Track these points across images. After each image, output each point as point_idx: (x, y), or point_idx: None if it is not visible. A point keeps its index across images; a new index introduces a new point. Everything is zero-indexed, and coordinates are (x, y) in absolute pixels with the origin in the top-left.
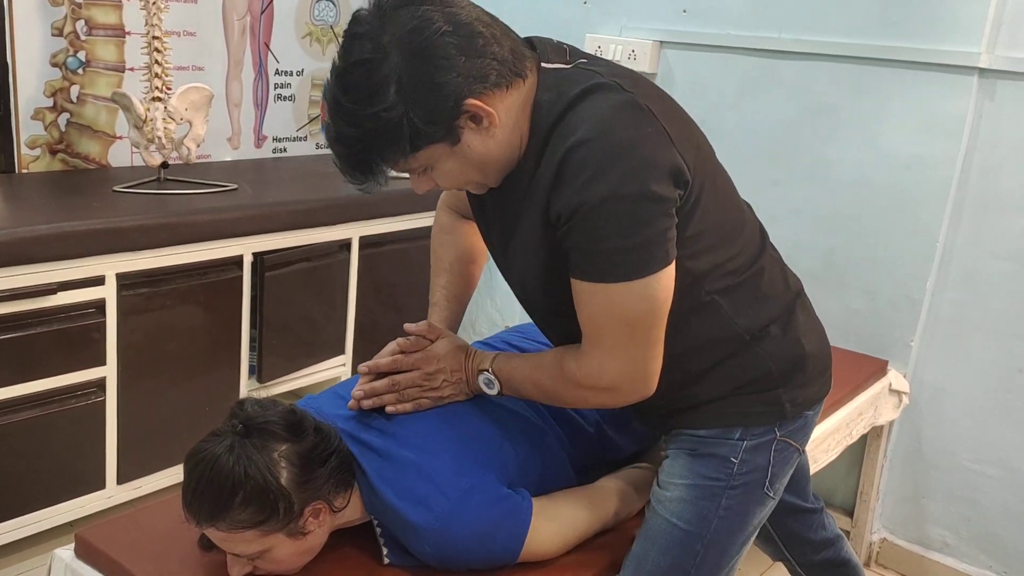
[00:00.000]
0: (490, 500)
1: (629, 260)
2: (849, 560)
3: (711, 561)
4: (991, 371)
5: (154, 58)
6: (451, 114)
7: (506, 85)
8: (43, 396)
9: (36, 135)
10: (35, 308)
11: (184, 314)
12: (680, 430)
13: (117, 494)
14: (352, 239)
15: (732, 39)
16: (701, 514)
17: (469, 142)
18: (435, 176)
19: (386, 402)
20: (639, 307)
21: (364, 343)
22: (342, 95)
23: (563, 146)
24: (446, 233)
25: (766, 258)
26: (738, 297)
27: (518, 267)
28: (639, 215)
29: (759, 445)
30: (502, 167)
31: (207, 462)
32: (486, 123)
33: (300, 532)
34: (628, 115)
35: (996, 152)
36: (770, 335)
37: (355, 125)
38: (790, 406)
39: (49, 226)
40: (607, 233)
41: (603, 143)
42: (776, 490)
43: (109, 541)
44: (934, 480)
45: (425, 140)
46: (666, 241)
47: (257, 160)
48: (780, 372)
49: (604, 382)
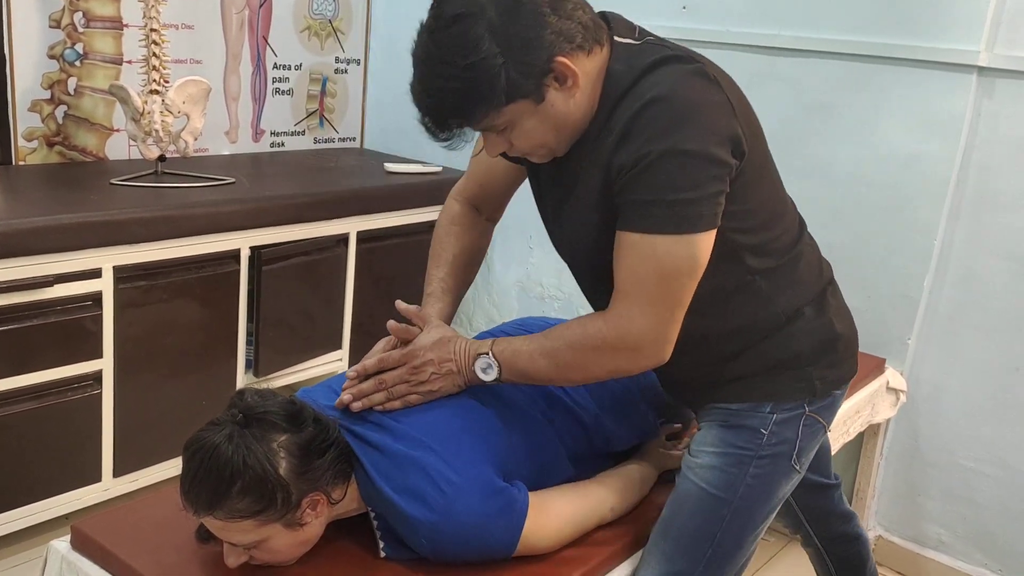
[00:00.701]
0: (486, 494)
1: (679, 214)
2: (860, 535)
3: (736, 528)
4: (988, 370)
5: (152, 51)
6: (543, 69)
7: (588, 50)
8: (40, 388)
9: (33, 127)
10: (32, 300)
11: (181, 307)
12: (714, 404)
13: (113, 487)
14: (350, 233)
15: (731, 36)
16: (729, 481)
17: (553, 101)
18: (513, 136)
19: (375, 402)
20: (679, 264)
21: (361, 338)
22: (437, 49)
23: (636, 104)
24: (455, 225)
25: (804, 244)
26: (777, 279)
27: (570, 231)
28: (696, 173)
29: (788, 419)
30: (575, 131)
31: (206, 451)
32: (570, 83)
33: (297, 523)
34: (699, 81)
35: (995, 151)
36: (804, 316)
37: (452, 78)
38: (820, 384)
39: (46, 218)
40: (663, 185)
41: (675, 102)
42: (802, 464)
43: (105, 533)
44: (930, 478)
45: (517, 93)
46: (716, 204)
47: (255, 154)
48: (812, 352)
49: (630, 339)
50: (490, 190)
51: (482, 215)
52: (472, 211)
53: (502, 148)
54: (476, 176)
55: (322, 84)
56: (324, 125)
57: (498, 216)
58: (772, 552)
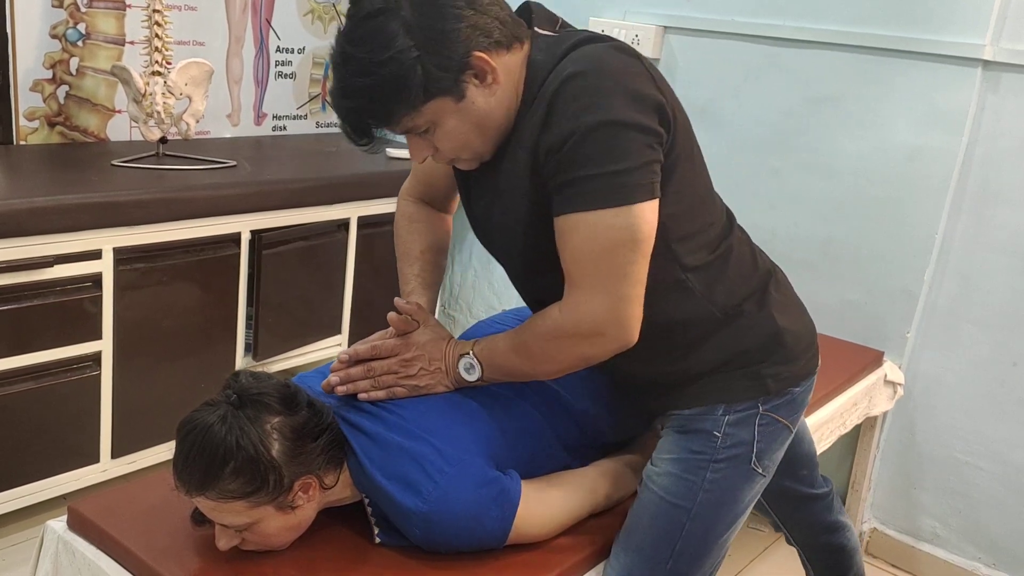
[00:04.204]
0: (478, 483)
1: (613, 186)
2: (846, 546)
3: (697, 536)
4: (986, 364)
5: (154, 32)
6: (460, 65)
7: (507, 46)
8: (38, 369)
9: (35, 107)
10: (31, 281)
11: (181, 290)
12: (670, 412)
13: (111, 468)
14: (350, 219)
15: (736, 26)
16: (687, 488)
17: (473, 98)
18: (436, 138)
19: (360, 389)
20: (619, 236)
21: (360, 323)
22: (352, 47)
23: (556, 82)
24: (416, 222)
25: (735, 238)
26: (709, 276)
27: (500, 224)
28: (626, 143)
29: (742, 419)
30: (499, 131)
31: (199, 431)
32: (490, 79)
33: (289, 506)
34: (616, 54)
35: (998, 145)
36: (744, 313)
37: (367, 74)
38: (772, 382)
39: (46, 199)
40: (593, 160)
41: (594, 75)
42: (765, 466)
43: (102, 514)
44: (926, 471)
45: (435, 89)
46: (651, 173)
47: (256, 137)
48: (758, 349)
49: (587, 325)
50: (436, 187)
51: (436, 211)
52: (427, 208)
53: (426, 152)
54: (420, 176)
55: (325, 68)
56: (326, 109)
57: (452, 208)
58: (766, 544)
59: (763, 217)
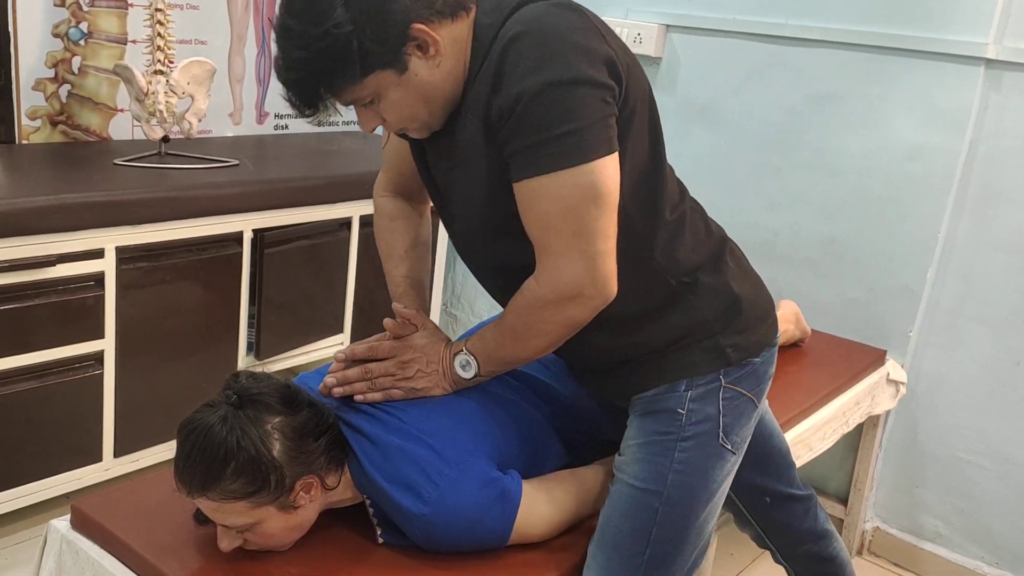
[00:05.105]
0: (479, 484)
1: (568, 145)
2: (835, 557)
3: (673, 521)
4: (989, 363)
5: (156, 31)
6: (399, 38)
7: (451, 15)
8: (41, 368)
9: (37, 106)
10: (34, 280)
11: (183, 289)
12: (636, 396)
13: (114, 467)
14: (353, 217)
15: (738, 24)
16: (656, 471)
17: (416, 70)
18: (382, 108)
19: (356, 390)
20: (584, 194)
21: (363, 322)
22: (290, 19)
23: (501, 45)
24: (397, 220)
25: (687, 207)
26: (664, 246)
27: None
28: (577, 100)
29: (705, 394)
30: (447, 101)
31: (200, 432)
32: (432, 51)
33: (291, 506)
34: (561, 11)
35: (1000, 144)
36: (700, 283)
37: (305, 48)
38: (732, 351)
39: (48, 198)
40: (547, 121)
41: (539, 33)
42: (735, 443)
43: (105, 512)
44: (929, 470)
45: (374, 62)
46: (607, 128)
47: (258, 136)
48: (715, 318)
49: (565, 288)
50: (409, 176)
51: (414, 203)
52: (405, 203)
53: (374, 123)
54: (392, 166)
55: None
56: None
57: (428, 199)
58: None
59: (765, 216)
